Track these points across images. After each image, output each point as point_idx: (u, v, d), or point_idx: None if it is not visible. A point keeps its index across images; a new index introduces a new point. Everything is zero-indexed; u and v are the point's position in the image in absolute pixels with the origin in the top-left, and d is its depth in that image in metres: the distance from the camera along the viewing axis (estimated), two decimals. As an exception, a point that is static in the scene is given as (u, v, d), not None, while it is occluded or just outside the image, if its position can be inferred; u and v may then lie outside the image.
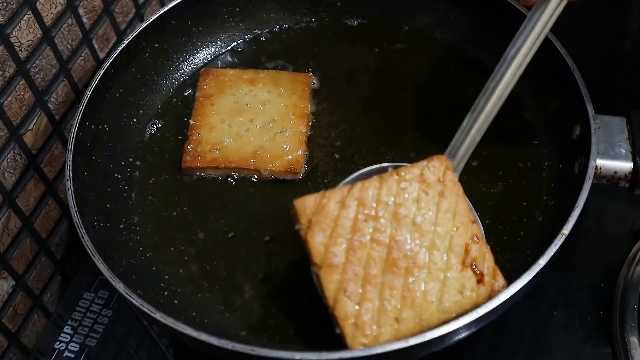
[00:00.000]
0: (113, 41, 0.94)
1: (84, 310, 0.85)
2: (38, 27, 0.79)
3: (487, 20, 0.90)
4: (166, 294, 0.75)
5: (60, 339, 0.83)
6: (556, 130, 0.82)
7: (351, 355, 0.61)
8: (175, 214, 0.81)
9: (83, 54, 0.88)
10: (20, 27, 0.76)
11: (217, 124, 0.85)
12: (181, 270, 0.77)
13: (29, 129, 0.80)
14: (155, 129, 0.88)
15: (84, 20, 0.87)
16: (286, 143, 0.83)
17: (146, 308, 0.66)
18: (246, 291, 0.75)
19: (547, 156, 0.82)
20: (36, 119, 0.81)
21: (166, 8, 0.90)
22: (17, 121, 0.78)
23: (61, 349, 0.82)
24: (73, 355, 0.82)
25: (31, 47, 0.78)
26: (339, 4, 0.98)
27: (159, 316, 0.65)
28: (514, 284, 0.64)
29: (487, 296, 0.65)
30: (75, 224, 0.72)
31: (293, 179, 0.82)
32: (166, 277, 0.76)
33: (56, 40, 0.82)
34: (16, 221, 0.80)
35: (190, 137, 0.85)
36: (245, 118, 0.86)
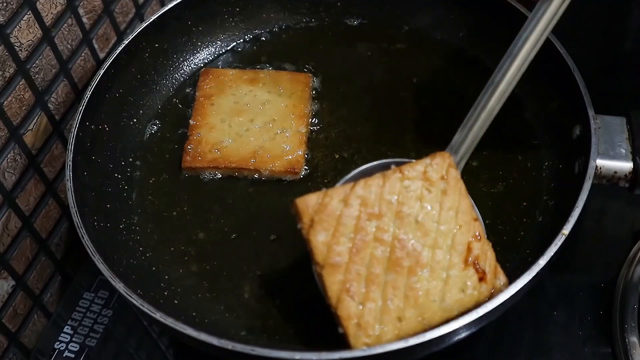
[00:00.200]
0: (113, 41, 0.94)
1: (84, 310, 0.85)
2: (38, 27, 0.79)
3: (487, 20, 0.90)
4: (166, 294, 0.75)
5: (60, 339, 0.83)
6: (556, 130, 0.82)
7: (351, 355, 0.61)
8: (175, 214, 0.81)
9: (83, 54, 0.88)
10: (20, 27, 0.76)
11: (217, 124, 0.85)
12: (181, 270, 0.77)
13: (29, 129, 0.80)
14: (155, 129, 0.88)
15: (84, 20, 0.87)
16: (286, 143, 0.83)
17: (146, 308, 0.66)
18: (246, 291, 0.75)
19: (547, 156, 0.82)
20: (36, 119, 0.81)
21: (166, 8, 0.90)
22: (17, 121, 0.78)
23: (61, 349, 0.82)
24: (73, 355, 0.82)
25: (31, 47, 0.78)
26: (339, 4, 0.98)
27: (159, 316, 0.65)
28: (514, 284, 0.64)
29: (489, 294, 0.65)
30: (75, 224, 0.72)
31: (293, 179, 0.82)
32: (166, 277, 0.76)
33: (56, 40, 0.82)
34: (16, 221, 0.80)
35: (190, 137, 0.85)
36: (245, 118, 0.86)
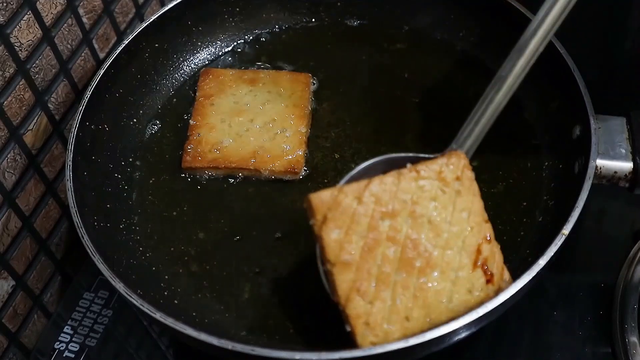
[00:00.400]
0: (113, 41, 0.94)
1: (84, 310, 0.85)
2: (38, 27, 0.79)
3: (487, 21, 0.90)
4: (166, 294, 0.75)
5: (60, 339, 0.83)
6: (556, 130, 0.82)
7: (351, 355, 0.61)
8: (175, 214, 0.81)
9: (83, 54, 0.88)
10: (20, 27, 0.76)
11: (217, 124, 0.85)
12: (181, 270, 0.77)
13: (29, 129, 0.80)
14: (155, 129, 0.88)
15: (84, 20, 0.87)
16: (286, 143, 0.83)
17: (146, 308, 0.66)
18: (246, 291, 0.75)
19: (547, 156, 0.82)
20: (36, 119, 0.81)
21: (166, 8, 0.90)
22: (17, 121, 0.78)
23: (61, 349, 0.82)
24: (73, 355, 0.82)
25: (31, 47, 0.78)
26: (339, 4, 0.98)
27: (159, 316, 0.65)
28: (514, 284, 0.64)
29: (495, 295, 0.64)
30: (75, 224, 0.72)
31: (293, 179, 0.82)
32: (166, 277, 0.76)
33: (56, 40, 0.82)
34: (16, 221, 0.80)
35: (190, 137, 0.85)
36: (245, 118, 0.86)
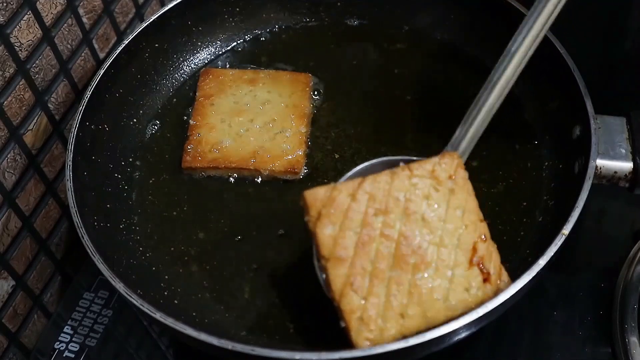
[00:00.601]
0: (113, 41, 0.94)
1: (84, 310, 0.85)
2: (38, 27, 0.79)
3: (487, 20, 0.90)
4: (166, 294, 0.75)
5: (60, 339, 0.83)
6: (556, 130, 0.82)
7: (351, 355, 0.61)
8: (175, 214, 0.81)
9: (83, 54, 0.88)
10: (20, 27, 0.76)
11: (217, 124, 0.85)
12: (181, 270, 0.77)
13: (29, 129, 0.80)
14: (155, 129, 0.88)
15: (84, 20, 0.87)
16: (286, 143, 0.83)
17: (146, 308, 0.66)
18: (246, 291, 0.75)
19: (547, 156, 0.82)
20: (36, 119, 0.81)
21: (166, 8, 0.90)
22: (17, 121, 0.78)
23: (61, 349, 0.82)
24: (73, 355, 0.82)
25: (31, 47, 0.78)
26: (339, 4, 0.98)
27: (159, 316, 0.65)
28: (514, 284, 0.64)
29: (493, 295, 0.64)
30: (75, 224, 0.72)
31: (293, 179, 0.82)
32: (166, 277, 0.76)
33: (56, 40, 0.82)
34: (16, 221, 0.80)
35: (190, 137, 0.85)
36: (245, 118, 0.86)
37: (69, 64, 0.86)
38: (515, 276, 0.65)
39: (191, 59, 0.94)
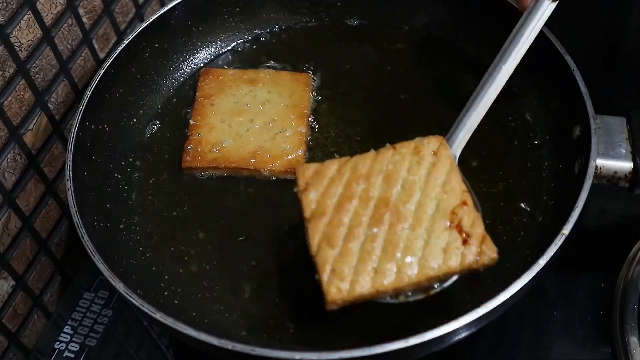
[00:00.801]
0: (113, 41, 0.94)
1: (84, 310, 0.85)
2: (38, 27, 0.79)
3: (487, 21, 0.90)
4: (166, 294, 0.75)
5: (60, 339, 0.83)
6: (556, 130, 0.82)
7: (351, 355, 0.61)
8: (175, 214, 0.81)
9: (83, 54, 0.88)
10: (20, 27, 0.76)
11: (217, 124, 0.85)
12: (181, 270, 0.77)
13: (29, 129, 0.80)
14: (155, 129, 0.88)
15: (84, 20, 0.87)
16: (286, 143, 0.83)
17: (146, 308, 0.66)
18: (246, 291, 0.75)
19: (547, 156, 0.82)
20: (36, 119, 0.81)
21: (166, 8, 0.90)
22: (17, 121, 0.78)
23: (61, 349, 0.82)
24: (73, 355, 0.82)
25: (31, 47, 0.78)
26: (339, 4, 0.98)
27: (159, 316, 0.65)
28: (514, 284, 0.64)
29: (474, 260, 0.64)
30: (75, 224, 0.72)
31: (293, 179, 0.82)
32: (166, 277, 0.76)
33: (56, 40, 0.82)
34: (16, 221, 0.80)
35: (190, 137, 0.85)
36: (245, 118, 0.86)
37: (69, 64, 0.86)
38: (515, 276, 0.65)
39: (191, 59, 0.94)
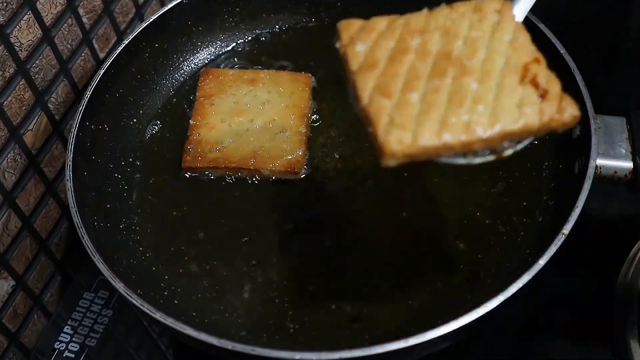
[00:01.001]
0: (113, 41, 0.94)
1: (84, 310, 0.85)
2: (38, 27, 0.79)
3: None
4: (166, 294, 0.75)
5: (60, 339, 0.83)
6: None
7: (351, 355, 0.61)
8: (175, 214, 0.81)
9: (83, 54, 0.88)
10: (20, 27, 0.76)
11: (217, 124, 0.85)
12: (181, 270, 0.77)
13: (29, 129, 0.80)
14: (155, 129, 0.88)
15: (84, 20, 0.87)
16: (286, 143, 0.83)
17: (146, 308, 0.66)
18: (246, 291, 0.75)
19: (547, 156, 0.82)
20: (36, 119, 0.81)
21: (166, 8, 0.90)
22: (17, 121, 0.78)
23: (61, 349, 0.82)
24: (73, 355, 0.82)
25: (31, 47, 0.78)
26: (339, 4, 0.98)
27: (159, 316, 0.65)
28: (514, 284, 0.64)
29: (555, 118, 0.57)
30: (75, 224, 0.72)
31: (293, 179, 0.82)
32: (166, 277, 0.76)
33: (56, 40, 0.82)
34: (16, 221, 0.80)
35: (190, 137, 0.85)
36: (245, 118, 0.86)
37: (69, 64, 0.86)
38: (515, 276, 0.65)
39: (191, 59, 0.94)
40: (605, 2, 0.93)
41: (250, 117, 0.86)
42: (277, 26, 0.97)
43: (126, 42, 0.86)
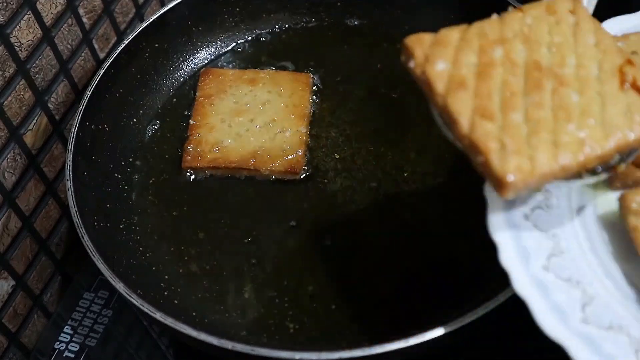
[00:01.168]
0: (113, 41, 0.94)
1: (84, 310, 0.85)
2: (38, 27, 0.79)
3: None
4: (166, 294, 0.75)
5: (60, 339, 0.83)
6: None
7: (351, 355, 0.61)
8: (175, 214, 0.81)
9: (83, 54, 0.88)
10: (20, 27, 0.76)
11: (217, 124, 0.85)
12: (181, 270, 0.77)
13: (29, 129, 0.80)
14: (155, 129, 0.88)
15: (84, 20, 0.87)
16: (286, 143, 0.83)
17: (146, 308, 0.66)
18: (246, 291, 0.75)
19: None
20: (36, 119, 0.81)
21: (166, 8, 0.90)
22: (17, 121, 0.78)
23: (61, 349, 0.82)
24: (73, 355, 0.82)
25: (31, 47, 0.78)
26: (339, 4, 0.98)
27: (159, 316, 0.65)
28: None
29: None
30: (75, 224, 0.72)
31: (293, 179, 0.82)
32: (166, 277, 0.76)
33: (56, 40, 0.82)
34: (16, 221, 0.80)
35: (190, 137, 0.85)
36: (245, 118, 0.86)
37: (69, 64, 0.86)
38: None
39: (191, 59, 0.94)
40: (605, 2, 0.93)
41: (250, 117, 0.86)
42: (277, 26, 0.98)
43: (126, 42, 0.86)
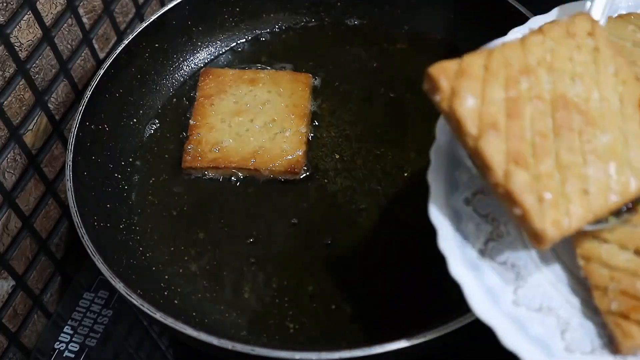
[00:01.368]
0: (113, 41, 0.94)
1: (84, 310, 0.85)
2: (38, 27, 0.79)
3: (488, 20, 0.90)
4: (166, 294, 0.75)
5: (60, 339, 0.83)
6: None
7: (351, 355, 0.61)
8: (175, 214, 0.81)
9: (83, 54, 0.88)
10: (20, 27, 0.76)
11: (217, 124, 0.85)
12: (181, 270, 0.77)
13: (29, 129, 0.80)
14: (155, 129, 0.88)
15: (84, 20, 0.87)
16: (286, 143, 0.83)
17: (146, 308, 0.66)
18: (246, 291, 0.75)
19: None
20: (36, 119, 0.81)
21: (166, 8, 0.90)
22: (17, 121, 0.78)
23: (61, 349, 0.82)
24: (73, 355, 0.82)
25: (31, 47, 0.78)
26: (339, 4, 0.98)
27: (159, 316, 0.65)
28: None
29: None
30: (75, 224, 0.72)
31: (293, 179, 0.82)
32: (166, 277, 0.76)
33: (56, 40, 0.82)
34: (16, 221, 0.80)
35: (190, 137, 0.85)
36: (245, 118, 0.86)
37: (69, 64, 0.86)
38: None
39: (191, 59, 0.94)
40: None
41: (250, 117, 0.86)
42: (277, 26, 0.98)
43: (126, 42, 0.86)
